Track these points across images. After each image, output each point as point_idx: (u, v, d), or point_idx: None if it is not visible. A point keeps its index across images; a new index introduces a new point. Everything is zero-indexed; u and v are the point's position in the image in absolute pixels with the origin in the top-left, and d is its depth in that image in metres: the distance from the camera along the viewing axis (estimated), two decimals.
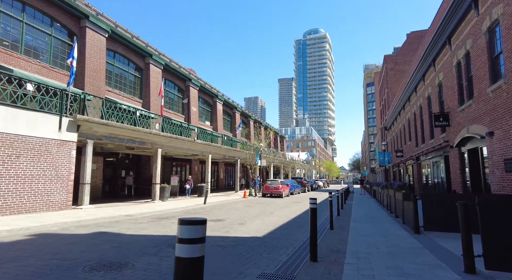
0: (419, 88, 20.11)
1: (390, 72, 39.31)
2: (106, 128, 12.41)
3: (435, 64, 15.95)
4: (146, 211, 11.48)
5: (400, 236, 7.18)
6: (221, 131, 32.14)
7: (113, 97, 19.41)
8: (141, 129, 14.22)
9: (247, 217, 10.47)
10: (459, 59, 12.26)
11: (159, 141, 16.21)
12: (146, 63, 23.34)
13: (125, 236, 6.62)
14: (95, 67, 17.86)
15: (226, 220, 9.60)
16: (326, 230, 8.28)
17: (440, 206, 7.36)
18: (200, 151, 20.72)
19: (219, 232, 7.43)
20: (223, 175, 34.51)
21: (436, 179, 17.84)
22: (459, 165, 13.08)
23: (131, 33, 23.05)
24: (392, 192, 10.43)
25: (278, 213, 12.07)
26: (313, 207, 4.96)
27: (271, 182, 22.73)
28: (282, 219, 10.35)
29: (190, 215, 10.98)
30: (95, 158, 17.66)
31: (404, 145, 26.83)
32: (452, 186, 14.07)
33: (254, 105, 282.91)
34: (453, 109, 13.37)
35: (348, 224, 9.29)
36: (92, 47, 17.81)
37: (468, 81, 11.76)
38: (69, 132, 10.91)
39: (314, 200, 5.00)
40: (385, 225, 9.01)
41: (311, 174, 78.68)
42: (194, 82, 28.76)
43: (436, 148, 16.33)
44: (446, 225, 7.36)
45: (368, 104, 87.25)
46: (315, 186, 41.92)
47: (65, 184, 10.64)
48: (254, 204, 16.38)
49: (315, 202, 4.98)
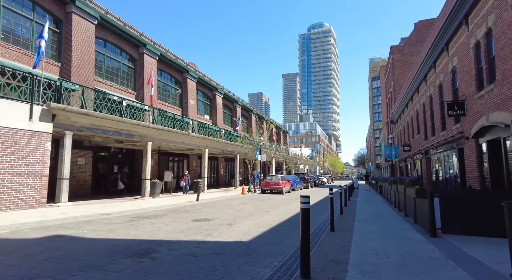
0: (429, 76, 18.72)
1: (397, 64, 37.71)
2: (87, 119, 11.36)
3: (448, 48, 14.57)
4: (129, 209, 10.46)
5: (414, 241, 6.02)
6: (221, 126, 31.04)
7: (104, 89, 18.38)
8: (127, 120, 13.16)
9: (239, 216, 9.38)
10: (478, 39, 10.92)
11: (149, 134, 15.15)
12: (140, 53, 22.22)
13: (82, 240, 5.56)
14: (83, 56, 16.80)
15: (214, 220, 8.51)
16: (326, 232, 7.15)
17: (462, 205, 6.16)
18: (196, 145, 19.64)
19: (200, 235, 6.34)
20: (223, 171, 33.49)
21: (447, 174, 16.55)
22: (476, 158, 11.81)
23: (123, 21, 21.93)
24: (402, 188, 9.22)
25: (274, 211, 10.96)
26: (305, 208, 3.82)
27: (271, 177, 21.61)
28: (277, 218, 9.23)
29: (176, 213, 9.92)
30: (83, 152, 16.71)
31: (412, 138, 25.46)
32: (467, 182, 12.81)
33: (258, 101, 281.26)
34: (470, 97, 12.06)
35: (351, 225, 8.14)
36: (79, 35, 16.73)
37: (488, 63, 10.44)
38: (43, 122, 9.88)
39: (306, 198, 3.85)
40: (394, 226, 7.85)
41: (315, 169, 77.44)
42: (192, 74, 27.62)
43: (448, 141, 15.03)
44: (469, 227, 6.17)
45: (373, 98, 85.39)
46: (318, 181, 40.71)
47: (38, 179, 9.63)
48: (251, 201, 15.29)
49: (308, 200, 3.83)
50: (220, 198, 16.42)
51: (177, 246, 5.30)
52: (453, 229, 6.33)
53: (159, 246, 5.22)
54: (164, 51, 25.43)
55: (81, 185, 16.40)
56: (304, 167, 58.39)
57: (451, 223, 6.30)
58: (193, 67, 30.63)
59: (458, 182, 14.58)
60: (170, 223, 7.87)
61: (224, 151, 24.50)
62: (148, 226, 7.32)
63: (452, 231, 6.35)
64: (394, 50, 38.55)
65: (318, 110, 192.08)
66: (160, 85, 24.84)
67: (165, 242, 5.57)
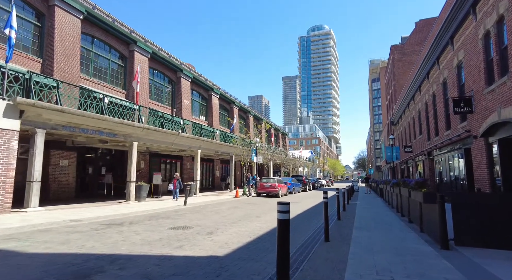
0: (432, 73, 17.81)
1: (397, 64, 36.85)
2: (62, 116, 10.42)
3: (453, 42, 13.67)
4: (106, 214, 9.50)
5: (423, 254, 5.05)
6: (217, 127, 30.11)
7: (91, 87, 17.48)
8: (109, 118, 12.22)
9: (223, 223, 8.41)
10: (488, 29, 10.01)
11: (135, 133, 14.21)
12: (131, 50, 21.35)
13: (19, 257, 4.58)
14: (67, 52, 15.92)
15: (194, 228, 7.54)
16: (319, 242, 6.17)
17: (481, 211, 5.20)
18: (187, 145, 18.68)
19: (169, 248, 5.37)
20: (219, 173, 32.51)
21: (452, 176, 15.57)
22: (486, 158, 10.85)
23: (113, 17, 21.12)
24: (406, 191, 8.25)
25: (265, 217, 9.99)
26: (283, 219, 2.86)
27: (266, 179, 20.63)
28: (266, 225, 8.26)
29: (155, 220, 8.95)
30: (66, 153, 15.77)
31: (414, 139, 24.50)
32: (476, 184, 11.84)
33: (258, 104, 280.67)
34: (478, 92, 11.12)
35: (349, 233, 7.17)
36: (63, 29, 15.85)
37: (500, 54, 9.52)
38: (8, 118, 8.94)
39: (284, 206, 2.90)
40: (398, 235, 6.88)
41: (315, 172, 76.40)
42: (186, 73, 26.74)
43: (453, 140, 14.08)
44: (489, 239, 5.21)
45: (373, 100, 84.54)
46: (317, 184, 39.66)
47: (1, 182, 8.68)
48: (243, 205, 14.31)
49: (287, 209, 2.88)
50: (211, 202, 15.44)
51: (134, 263, 4.34)
52: (469, 240, 5.36)
53: (111, 264, 4.25)
54: (156, 49, 24.58)
55: (64, 188, 15.44)
56: (304, 170, 57.36)
57: (467, 233, 5.33)
58: (187, 66, 29.77)
59: (464, 184, 13.62)
60: (142, 231, 6.91)
61: (218, 152, 23.54)
62: (114, 235, 6.35)
63: (467, 243, 5.38)
64: (394, 49, 37.71)
65: (318, 112, 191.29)
66: (153, 84, 23.96)
67: (122, 258, 4.60)
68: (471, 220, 5.30)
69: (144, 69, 22.12)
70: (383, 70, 66.00)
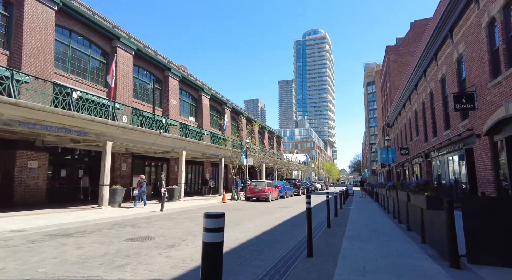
0: (429, 71, 16.90)
1: (393, 65, 36.14)
2: (17, 110, 9.23)
3: (452, 35, 12.76)
4: (63, 222, 8.30)
5: (429, 275, 3.96)
6: (207, 128, 28.95)
7: (68, 83, 16.28)
8: (77, 114, 11.04)
9: (194, 233, 7.25)
10: (493, 16, 9.07)
11: (109, 132, 13.02)
12: (113, 47, 20.20)
13: None
14: (38, 45, 14.73)
15: (156, 239, 6.37)
16: (300, 258, 5.05)
17: (501, 221, 4.13)
18: (171, 146, 17.49)
19: (105, 268, 4.19)
20: (209, 176, 31.24)
21: (452, 179, 14.57)
22: (491, 159, 9.84)
23: (94, 11, 19.97)
24: (405, 194, 7.16)
25: (247, 224, 8.84)
26: (212, 241, 1.74)
27: (256, 183, 19.47)
28: (244, 234, 7.12)
29: (115, 229, 7.77)
30: (36, 154, 14.49)
31: (410, 141, 23.58)
32: (479, 188, 10.82)
33: (254, 108, 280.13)
34: (481, 86, 10.16)
35: (339, 244, 6.06)
36: (34, 20, 14.69)
37: (507, 42, 8.57)
38: None
39: (215, 221, 1.77)
40: (396, 246, 5.79)
41: (310, 176, 75.35)
42: (174, 72, 25.63)
43: (453, 141, 13.11)
44: (511, 256, 4.12)
45: (368, 104, 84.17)
46: (312, 188, 38.52)
47: None
48: (227, 210, 13.14)
49: (220, 225, 1.77)
50: (193, 207, 14.24)
51: None
52: (485, 257, 4.27)
53: None
54: (142, 46, 23.46)
55: (32, 192, 14.14)
56: (298, 173, 56.26)
57: (483, 248, 4.24)
58: (177, 66, 28.64)
59: (465, 188, 12.62)
60: (89, 244, 5.73)
61: (206, 154, 22.37)
62: (49, 250, 5.17)
63: (483, 261, 4.29)
64: (389, 50, 37.02)
65: (313, 116, 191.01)
66: (138, 83, 22.80)
67: None
68: (489, 232, 4.22)
69: (127, 67, 20.99)
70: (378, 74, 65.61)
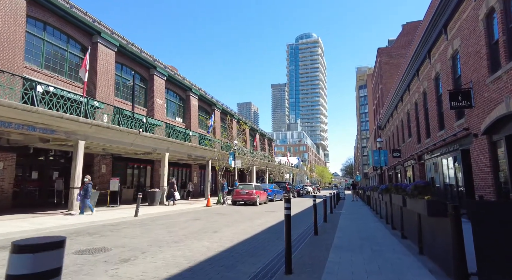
0: (422, 70, 16.35)
1: (385, 67, 35.82)
2: None
3: (447, 30, 12.18)
4: (12, 231, 7.30)
5: None
6: (195, 130, 27.95)
7: (41, 79, 15.20)
8: (41, 110, 10.01)
9: (161, 243, 6.32)
10: (492, 6, 8.45)
11: (81, 130, 11.98)
12: (94, 42, 19.17)
13: None
14: (4, 37, 13.63)
15: (112, 251, 5.43)
16: (277, 274, 4.18)
17: None
18: (151, 147, 16.48)
19: None
20: (197, 179, 30.18)
21: (447, 182, 13.94)
22: (489, 160, 9.18)
23: (72, 4, 18.91)
24: (400, 198, 6.37)
25: (226, 231, 7.94)
26: None
27: (243, 186, 18.56)
28: (220, 244, 6.23)
29: (76, 237, 6.79)
30: (1, 155, 13.34)
31: (402, 143, 23.04)
32: (476, 191, 10.15)
33: (247, 111, 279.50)
34: (479, 83, 9.53)
35: (325, 256, 5.22)
36: (1, 9, 13.61)
37: (508, 34, 7.94)
38: None
39: None
40: (390, 259, 4.97)
41: (302, 179, 74.71)
42: (160, 71, 24.65)
43: (448, 141, 12.49)
44: None
45: (360, 107, 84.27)
46: (303, 191, 37.79)
47: None
48: (208, 215, 12.20)
49: None
50: (172, 212, 13.25)
51: None
52: (500, 275, 3.46)
53: None
54: (125, 43, 22.45)
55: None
56: (290, 176, 55.50)
57: (499, 265, 3.44)
58: (162, 64, 27.66)
59: (461, 191, 11.97)
60: None
61: (192, 155, 21.39)
62: None
63: (497, 278, 3.48)
64: (381, 52, 36.73)
65: (306, 120, 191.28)
66: (120, 81, 21.76)
67: None
68: (506, 245, 3.42)
69: (109, 64, 19.96)
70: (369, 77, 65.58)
